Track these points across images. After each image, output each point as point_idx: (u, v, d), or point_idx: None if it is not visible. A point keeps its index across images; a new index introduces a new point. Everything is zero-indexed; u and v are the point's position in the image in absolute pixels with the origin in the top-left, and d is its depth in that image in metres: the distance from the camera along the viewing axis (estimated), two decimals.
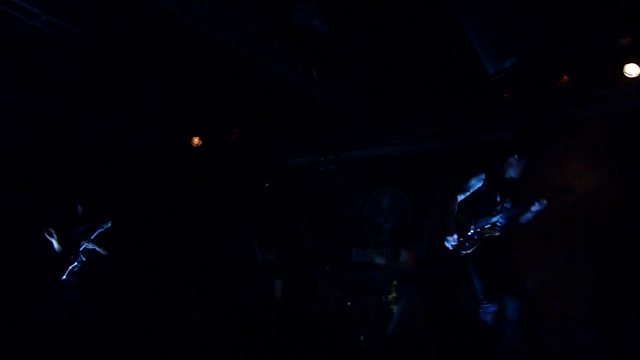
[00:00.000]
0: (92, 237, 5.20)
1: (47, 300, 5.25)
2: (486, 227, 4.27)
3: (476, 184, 4.37)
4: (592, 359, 4.85)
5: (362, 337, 5.51)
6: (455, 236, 4.29)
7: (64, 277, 5.26)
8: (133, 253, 6.12)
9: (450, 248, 4.35)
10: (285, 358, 2.82)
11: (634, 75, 5.15)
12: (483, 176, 4.37)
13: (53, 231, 5.26)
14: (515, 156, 4.41)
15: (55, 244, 5.30)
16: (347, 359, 4.20)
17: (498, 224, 4.25)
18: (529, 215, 4.21)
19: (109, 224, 5.18)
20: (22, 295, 5.36)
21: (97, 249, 5.20)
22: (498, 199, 4.33)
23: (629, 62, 5.15)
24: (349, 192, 7.15)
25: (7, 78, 5.31)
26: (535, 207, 4.07)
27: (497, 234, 4.23)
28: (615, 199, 5.28)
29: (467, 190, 4.38)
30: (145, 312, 5.89)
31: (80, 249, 5.21)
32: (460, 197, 4.39)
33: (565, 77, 5.45)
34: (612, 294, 5.03)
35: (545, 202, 4.06)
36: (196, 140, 7.09)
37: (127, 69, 5.63)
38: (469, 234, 4.32)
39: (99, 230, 5.20)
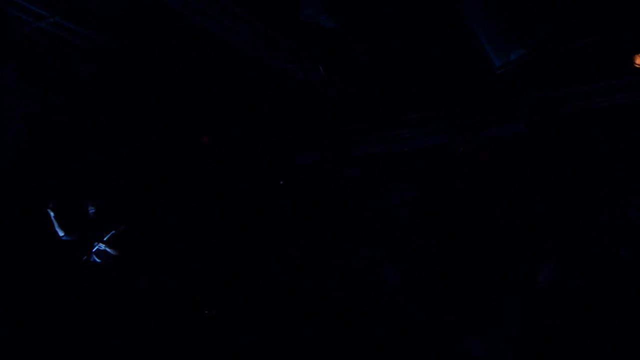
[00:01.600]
0: (104, 239, 5.23)
1: (61, 299, 5.28)
2: None
3: None
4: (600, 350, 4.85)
5: None
6: None
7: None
8: (145, 254, 6.13)
9: None
10: None
11: None
12: None
13: (53, 210, 5.18)
14: None
15: (57, 228, 5.25)
16: None
17: None
18: None
19: (122, 227, 5.21)
20: (32, 295, 5.39)
21: (109, 250, 5.22)
22: None
23: (638, 53, 5.11)
24: (358, 188, 7.13)
25: (16, 80, 5.32)
26: None
27: None
28: (624, 189, 5.27)
29: None
30: (158, 312, 5.94)
31: (93, 250, 5.24)
32: None
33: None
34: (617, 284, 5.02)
35: None
36: (205, 139, 7.08)
37: (134, 68, 5.63)
38: None
39: (112, 232, 5.23)
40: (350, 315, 5.89)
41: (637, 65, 5.11)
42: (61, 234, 5.23)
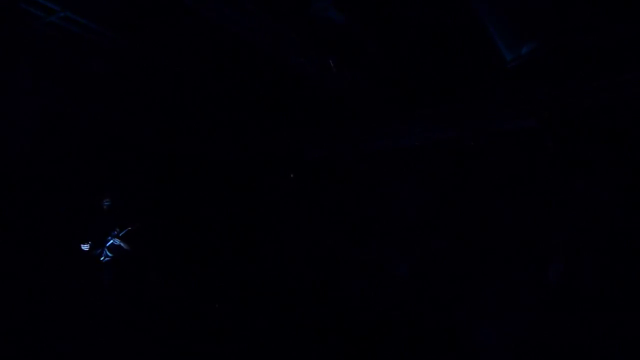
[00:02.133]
0: (120, 234, 5.28)
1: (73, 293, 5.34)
2: None
3: None
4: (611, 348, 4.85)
5: None
6: None
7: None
8: (156, 248, 6.18)
9: None
10: None
11: None
12: None
13: (90, 246, 5.28)
14: None
15: (86, 248, 5.31)
16: None
17: None
18: None
19: (138, 224, 5.27)
20: (43, 290, 5.45)
21: (122, 245, 5.28)
22: None
23: None
24: (368, 184, 7.13)
25: (28, 75, 5.34)
26: None
27: None
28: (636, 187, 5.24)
29: None
30: (168, 305, 6.00)
31: (107, 245, 5.30)
32: None
33: None
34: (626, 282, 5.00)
35: None
36: (216, 136, 7.09)
37: (146, 63, 5.63)
38: None
39: (127, 228, 5.29)
40: (363, 308, 5.93)
41: None
42: (85, 248, 5.28)
